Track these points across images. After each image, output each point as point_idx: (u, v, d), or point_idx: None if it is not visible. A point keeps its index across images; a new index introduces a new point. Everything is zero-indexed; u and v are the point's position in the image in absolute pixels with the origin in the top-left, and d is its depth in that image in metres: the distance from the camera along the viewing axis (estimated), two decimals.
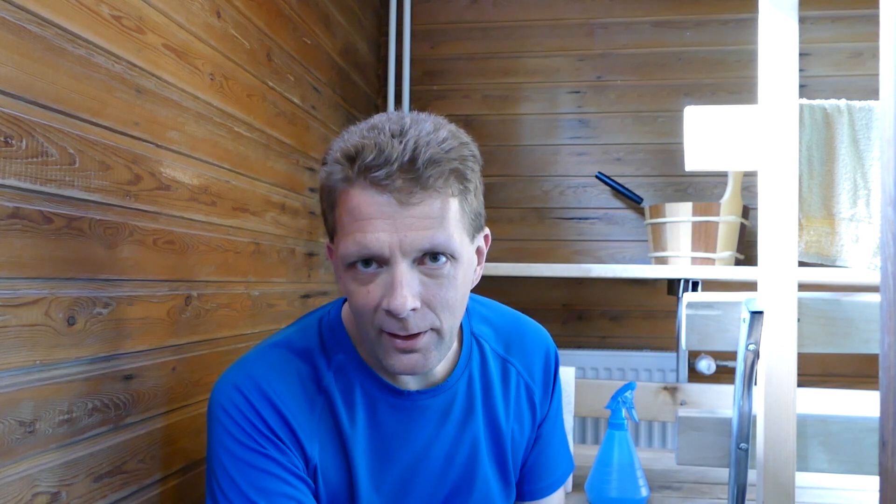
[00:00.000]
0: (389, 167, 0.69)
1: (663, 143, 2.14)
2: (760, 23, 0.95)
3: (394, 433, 0.83)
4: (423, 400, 0.83)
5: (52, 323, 0.77)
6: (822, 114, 1.01)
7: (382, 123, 0.73)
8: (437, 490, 0.85)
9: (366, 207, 0.70)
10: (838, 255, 1.02)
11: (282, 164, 1.43)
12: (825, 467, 0.97)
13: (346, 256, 0.72)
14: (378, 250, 0.70)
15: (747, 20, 2.10)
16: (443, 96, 2.24)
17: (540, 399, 0.92)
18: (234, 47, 1.21)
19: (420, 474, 0.84)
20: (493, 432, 0.88)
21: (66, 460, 0.79)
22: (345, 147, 0.72)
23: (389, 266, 0.72)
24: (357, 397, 0.81)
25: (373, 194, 0.70)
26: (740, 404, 0.95)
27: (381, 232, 0.70)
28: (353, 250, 0.71)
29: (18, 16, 0.72)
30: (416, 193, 0.70)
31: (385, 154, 0.69)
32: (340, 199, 0.73)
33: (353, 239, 0.71)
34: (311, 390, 0.80)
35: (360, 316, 0.74)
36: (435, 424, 0.84)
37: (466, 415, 0.86)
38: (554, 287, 2.17)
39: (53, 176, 0.77)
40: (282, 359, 0.81)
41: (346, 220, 0.72)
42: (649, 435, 2.05)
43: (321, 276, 1.67)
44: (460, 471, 0.86)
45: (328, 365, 0.81)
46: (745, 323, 0.93)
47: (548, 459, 0.95)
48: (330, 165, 0.74)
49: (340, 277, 0.76)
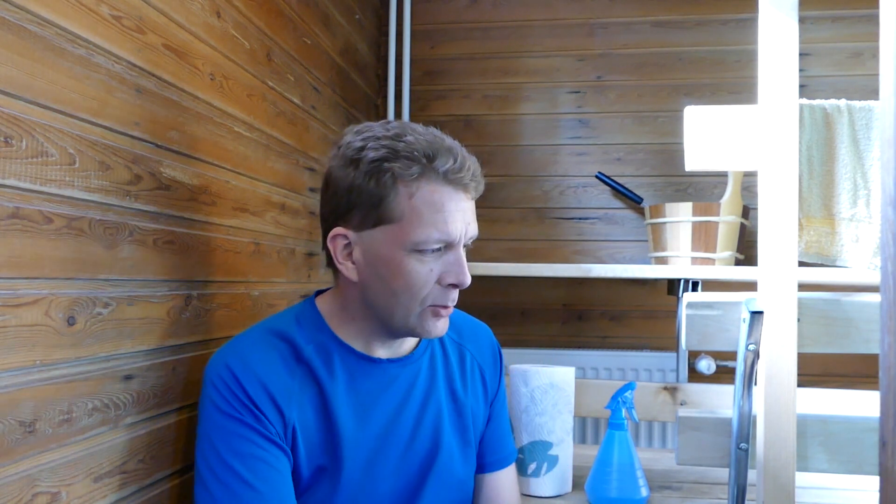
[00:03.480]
0: (466, 172, 0.88)
1: (663, 143, 2.14)
2: (760, 23, 0.95)
3: (369, 397, 0.95)
4: (393, 368, 0.98)
5: (52, 323, 0.77)
6: (822, 114, 1.01)
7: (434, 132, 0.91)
8: (405, 456, 0.97)
9: (448, 202, 0.88)
10: (838, 255, 1.02)
11: (282, 164, 1.43)
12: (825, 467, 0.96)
13: (423, 241, 0.87)
14: (455, 237, 0.88)
15: (747, 20, 2.10)
16: (443, 96, 2.24)
17: (490, 378, 1.09)
18: (234, 47, 1.21)
19: (391, 440, 0.96)
20: (454, 404, 1.03)
21: (66, 460, 0.79)
22: (414, 147, 0.87)
23: (452, 249, 0.90)
24: (336, 365, 0.94)
25: (451, 192, 0.88)
26: (740, 404, 0.95)
27: (458, 222, 0.88)
28: (436, 236, 0.87)
29: (18, 16, 0.72)
30: (471, 192, 0.91)
31: (459, 161, 0.88)
32: (414, 193, 0.87)
33: (435, 227, 0.87)
34: (291, 362, 0.93)
35: (415, 293, 0.89)
36: (403, 393, 0.98)
37: (430, 387, 1.01)
38: (554, 287, 2.17)
39: (53, 176, 0.77)
40: (262, 338, 0.94)
41: (426, 210, 0.87)
42: (649, 435, 2.05)
43: (321, 276, 1.67)
44: (427, 438, 0.99)
45: (306, 341, 0.94)
46: (745, 323, 0.93)
47: (501, 435, 1.11)
48: (398, 161, 0.86)
49: (390, 261, 0.88)
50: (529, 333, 2.17)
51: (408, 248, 0.88)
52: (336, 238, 0.92)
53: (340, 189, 0.91)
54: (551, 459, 1.27)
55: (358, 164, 0.88)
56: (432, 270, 0.89)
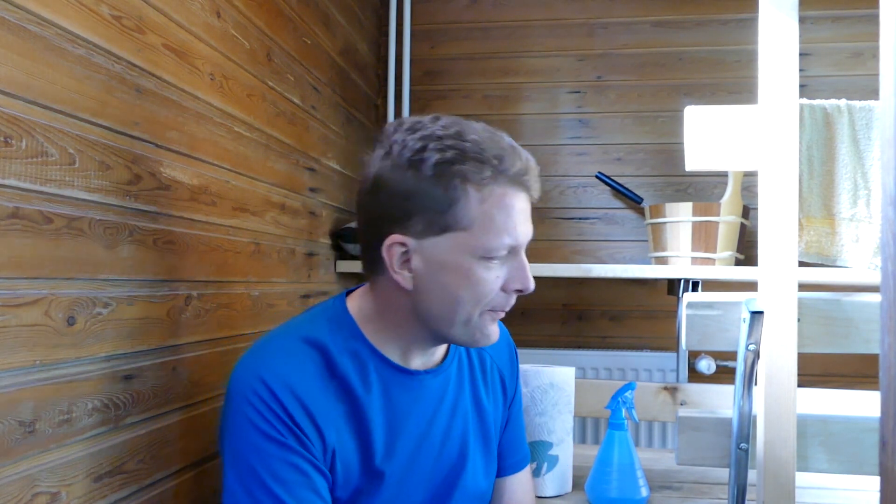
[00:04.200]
0: (531, 174, 0.85)
1: (663, 143, 2.14)
2: (760, 23, 0.95)
3: (403, 410, 0.90)
4: (427, 379, 0.92)
5: (52, 323, 0.77)
6: (823, 114, 1.01)
7: (491, 130, 0.85)
8: (435, 467, 0.94)
9: (519, 206, 0.84)
10: (838, 255, 1.02)
11: (282, 164, 1.42)
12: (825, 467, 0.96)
13: (495, 248, 0.82)
14: (523, 241, 0.85)
15: (747, 20, 2.10)
16: (443, 96, 2.24)
17: (508, 381, 1.06)
18: (234, 47, 1.21)
19: (423, 451, 0.92)
20: (478, 410, 1.00)
21: (66, 460, 0.79)
22: (485, 147, 0.81)
23: (517, 253, 0.86)
24: (372, 378, 0.88)
25: (521, 196, 0.84)
26: (740, 404, 0.95)
27: (525, 225, 0.85)
28: (507, 242, 0.83)
29: (18, 16, 0.72)
30: (535, 195, 0.87)
31: (524, 162, 0.84)
32: (485, 198, 0.81)
33: (507, 232, 0.82)
34: (326, 377, 0.85)
35: (479, 299, 0.84)
36: (434, 403, 0.93)
37: (457, 395, 0.97)
38: (554, 287, 2.17)
39: (53, 176, 0.77)
40: (297, 349, 0.85)
41: (498, 215, 0.82)
42: (649, 435, 2.05)
43: (321, 276, 1.67)
44: (455, 450, 0.95)
45: (340, 351, 0.87)
46: (746, 323, 0.93)
47: (518, 437, 1.09)
48: (467, 165, 0.80)
49: (458, 269, 0.83)
50: (529, 333, 2.17)
51: (477, 255, 0.82)
52: (393, 246, 0.83)
53: (397, 193, 0.82)
54: (551, 459, 1.27)
55: (419, 167, 0.80)
56: (498, 277, 0.84)
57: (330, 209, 1.72)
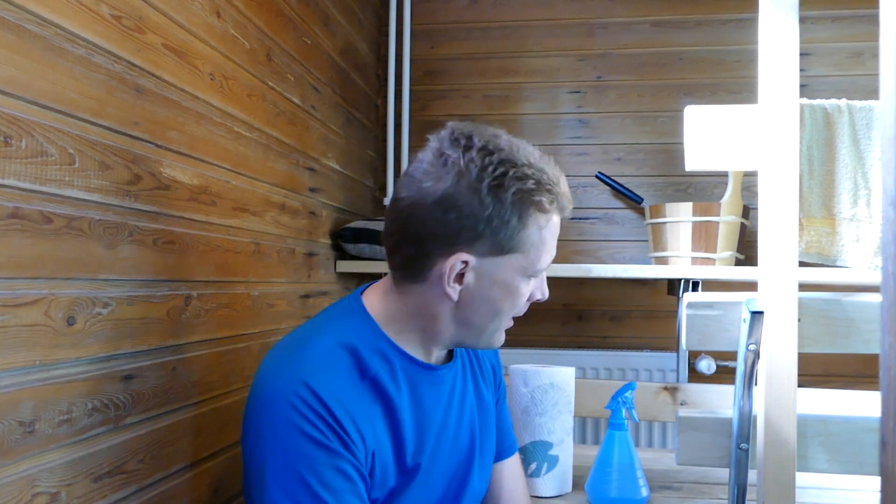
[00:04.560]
0: (570, 201, 0.91)
1: (663, 143, 2.14)
2: (760, 23, 0.95)
3: (428, 405, 0.93)
4: (444, 373, 0.97)
5: (52, 323, 0.77)
6: (823, 114, 1.01)
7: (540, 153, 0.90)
8: (451, 458, 0.97)
9: (558, 231, 0.91)
10: (839, 255, 1.02)
11: (282, 164, 1.42)
12: (825, 467, 0.96)
13: (544, 267, 0.90)
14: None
15: (747, 20, 2.10)
16: (443, 96, 2.24)
17: (498, 371, 1.12)
18: (234, 47, 1.21)
19: (442, 442, 0.96)
20: (480, 400, 1.05)
21: (66, 460, 0.79)
22: (551, 178, 0.87)
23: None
24: (400, 377, 0.90)
25: (558, 221, 0.91)
26: (740, 404, 0.95)
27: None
28: (549, 261, 0.91)
29: (18, 15, 0.72)
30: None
31: (566, 188, 0.90)
32: (544, 224, 0.87)
33: (551, 253, 0.90)
34: (356, 379, 0.86)
35: (515, 310, 0.91)
36: (448, 395, 0.98)
37: (464, 387, 1.01)
38: (554, 287, 2.14)
39: (53, 176, 0.77)
40: (333, 353, 0.86)
41: (549, 238, 0.89)
42: (649, 435, 2.05)
43: (321, 276, 1.67)
44: (466, 437, 0.99)
45: (370, 354, 0.88)
46: (746, 323, 0.93)
47: (507, 423, 1.14)
48: (539, 193, 0.85)
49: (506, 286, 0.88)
50: (529, 333, 2.17)
51: (528, 275, 0.88)
52: (457, 263, 0.85)
53: (471, 215, 0.83)
54: (551, 459, 1.27)
55: (499, 194, 0.82)
56: (530, 290, 0.91)
57: (330, 209, 1.72)
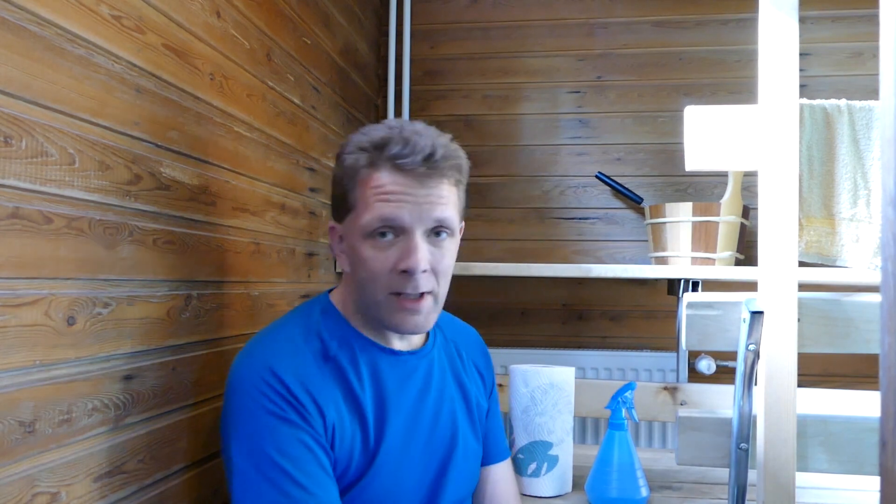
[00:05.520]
0: (414, 156, 0.88)
1: (663, 143, 2.14)
2: (760, 23, 0.95)
3: (391, 388, 0.96)
4: (411, 360, 0.99)
5: (52, 323, 0.77)
6: (823, 114, 1.01)
7: (399, 123, 0.93)
8: (427, 448, 0.99)
9: (391, 186, 0.88)
10: (838, 255, 1.02)
11: (282, 164, 1.42)
12: (825, 467, 0.96)
13: (368, 225, 0.89)
14: (399, 221, 0.88)
15: (747, 20, 2.10)
16: (443, 96, 2.24)
17: (485, 373, 1.13)
18: (234, 47, 1.21)
19: (416, 430, 0.98)
20: (463, 395, 1.05)
21: (66, 460, 0.79)
22: (370, 138, 0.91)
23: (406, 235, 0.89)
24: (360, 359, 0.96)
25: (399, 177, 0.88)
26: (740, 404, 0.95)
27: (404, 205, 0.88)
28: (378, 221, 0.88)
29: (18, 16, 0.72)
30: (433, 178, 0.89)
31: (411, 145, 0.88)
32: (364, 180, 0.90)
33: (378, 212, 0.88)
34: (320, 361, 0.93)
35: (374, 280, 0.90)
36: (421, 385, 0.99)
37: (442, 379, 1.03)
38: (554, 287, 2.17)
39: (53, 176, 0.77)
40: (297, 338, 0.94)
41: (371, 197, 0.89)
42: (649, 435, 2.05)
43: (321, 276, 1.67)
44: (446, 429, 1.01)
45: (331, 338, 0.96)
46: (746, 323, 0.93)
47: (499, 429, 1.15)
48: (355, 154, 0.91)
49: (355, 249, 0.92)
50: (529, 333, 2.17)
51: (362, 235, 0.91)
52: (332, 230, 0.99)
53: (333, 184, 0.97)
54: (551, 459, 1.27)
55: (339, 160, 0.95)
56: (388, 258, 0.90)
57: (330, 209, 1.71)
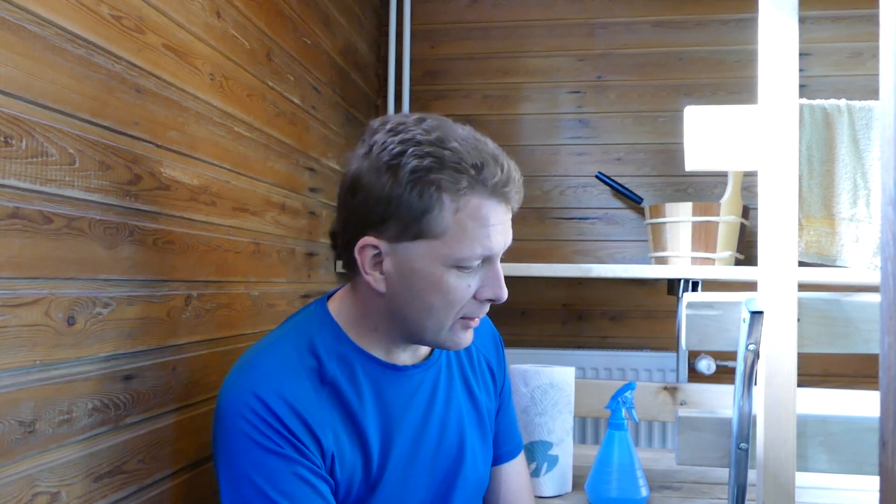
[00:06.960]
0: (512, 184, 0.84)
1: (663, 143, 2.14)
2: (760, 23, 0.95)
3: (396, 409, 0.91)
4: (417, 373, 0.93)
5: (52, 323, 0.77)
6: (822, 114, 1.01)
7: (475, 136, 0.84)
8: (435, 461, 0.94)
9: (493, 216, 0.83)
10: (838, 255, 1.02)
11: (282, 164, 1.43)
12: (825, 467, 0.96)
13: (467, 258, 0.82)
14: (497, 251, 0.85)
15: (747, 20, 2.10)
16: (443, 96, 2.24)
17: (496, 370, 1.07)
18: (234, 47, 1.21)
19: (421, 450, 0.92)
20: (472, 401, 1.01)
21: (66, 460, 0.79)
22: (464, 156, 0.80)
23: (491, 262, 0.86)
24: (360, 378, 0.89)
25: (496, 205, 0.83)
26: (740, 404, 0.95)
27: (500, 236, 0.84)
28: (479, 252, 0.82)
29: (18, 16, 0.72)
30: (515, 206, 0.86)
31: (506, 172, 0.83)
32: (460, 206, 0.81)
33: (479, 243, 0.82)
34: (317, 383, 0.85)
35: (451, 307, 0.84)
36: (428, 397, 0.94)
37: (449, 387, 0.98)
38: (554, 287, 2.17)
39: (53, 176, 0.77)
40: (289, 358, 0.86)
41: (472, 225, 0.81)
42: (649, 435, 2.05)
43: (321, 276, 1.67)
44: (453, 441, 0.96)
45: (329, 357, 0.87)
46: (745, 323, 0.93)
47: (510, 425, 1.10)
48: (447, 173, 0.80)
49: (427, 276, 0.83)
50: (529, 333, 2.17)
51: (449, 264, 0.82)
52: (365, 248, 0.84)
53: (373, 197, 0.82)
54: (551, 459, 1.27)
55: (397, 172, 0.80)
56: (470, 286, 0.84)
57: (330, 209, 1.72)
